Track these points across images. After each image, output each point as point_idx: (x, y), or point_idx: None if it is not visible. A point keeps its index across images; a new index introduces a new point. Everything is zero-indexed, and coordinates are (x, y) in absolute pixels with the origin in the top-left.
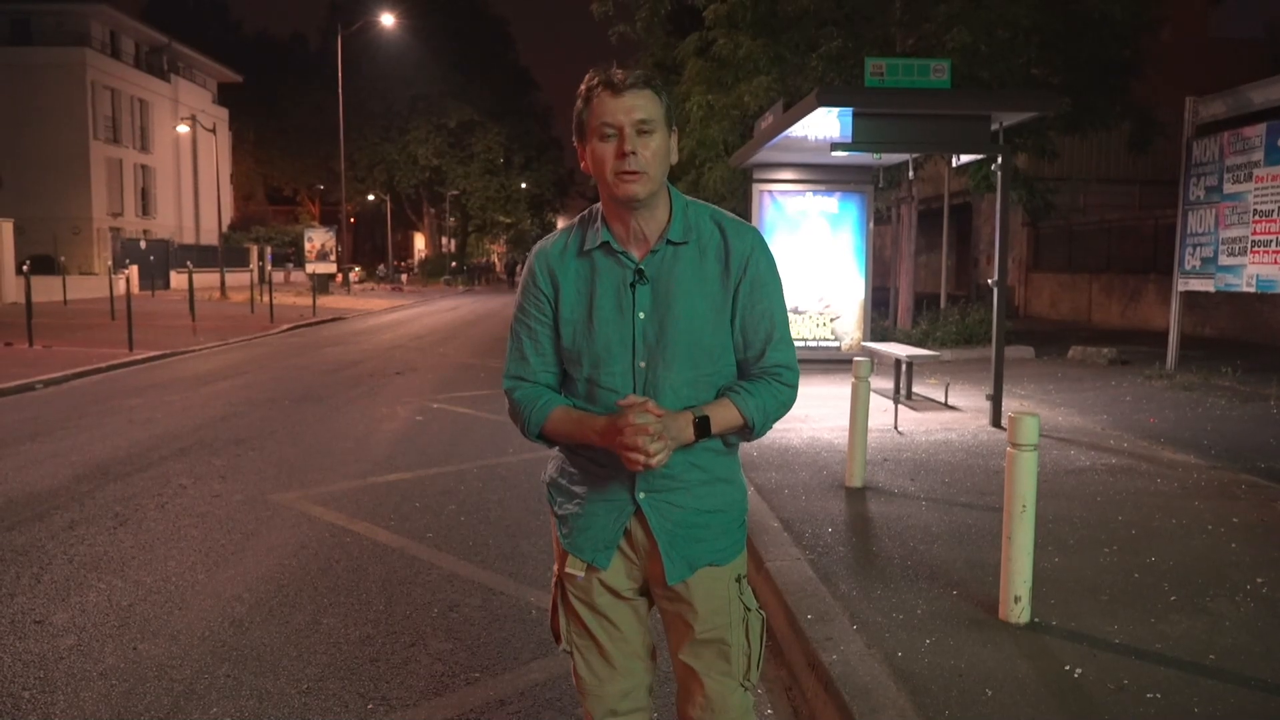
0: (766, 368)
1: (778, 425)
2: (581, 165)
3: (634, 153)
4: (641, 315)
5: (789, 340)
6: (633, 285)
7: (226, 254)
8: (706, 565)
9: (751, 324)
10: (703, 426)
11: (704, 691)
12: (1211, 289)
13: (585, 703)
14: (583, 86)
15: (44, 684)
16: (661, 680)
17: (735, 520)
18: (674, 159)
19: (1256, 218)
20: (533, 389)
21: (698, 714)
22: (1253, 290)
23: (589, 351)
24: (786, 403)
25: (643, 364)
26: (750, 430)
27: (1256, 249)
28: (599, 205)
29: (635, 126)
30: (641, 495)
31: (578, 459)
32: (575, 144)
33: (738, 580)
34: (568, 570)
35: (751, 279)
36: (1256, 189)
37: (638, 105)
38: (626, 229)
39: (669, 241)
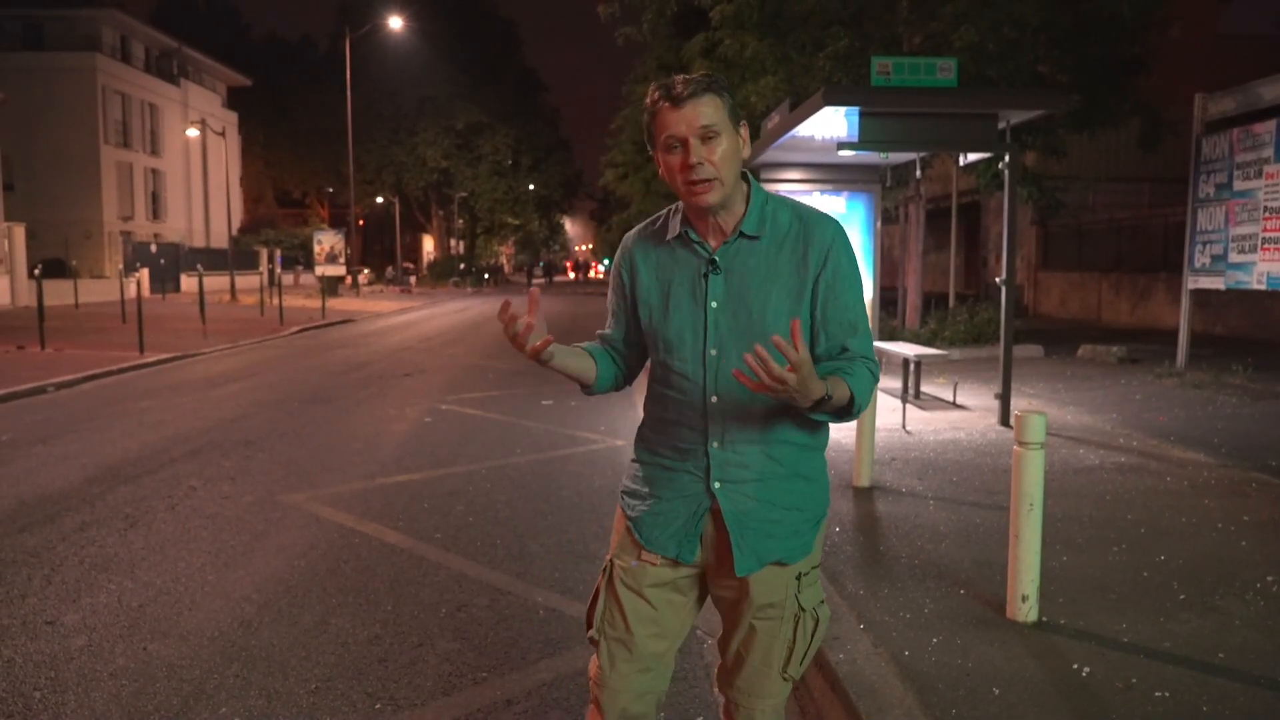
0: (853, 357)
1: None
2: (660, 172)
3: (700, 163)
4: (714, 304)
5: (869, 333)
6: (706, 275)
7: (236, 257)
8: (774, 562)
9: (835, 316)
10: (823, 398)
11: (741, 674)
12: (1222, 286)
13: (600, 697)
14: (647, 99)
15: (55, 684)
16: (676, 679)
17: (810, 520)
18: (746, 153)
19: (1267, 214)
20: (599, 346)
21: (734, 695)
22: (1263, 288)
23: (663, 336)
24: (873, 391)
25: (714, 352)
26: (851, 409)
27: (1267, 246)
28: (680, 202)
29: (699, 135)
30: (717, 485)
31: (651, 467)
32: (651, 153)
33: (798, 578)
34: (637, 560)
35: (832, 270)
36: (1267, 186)
37: (700, 113)
38: (705, 223)
39: (742, 234)
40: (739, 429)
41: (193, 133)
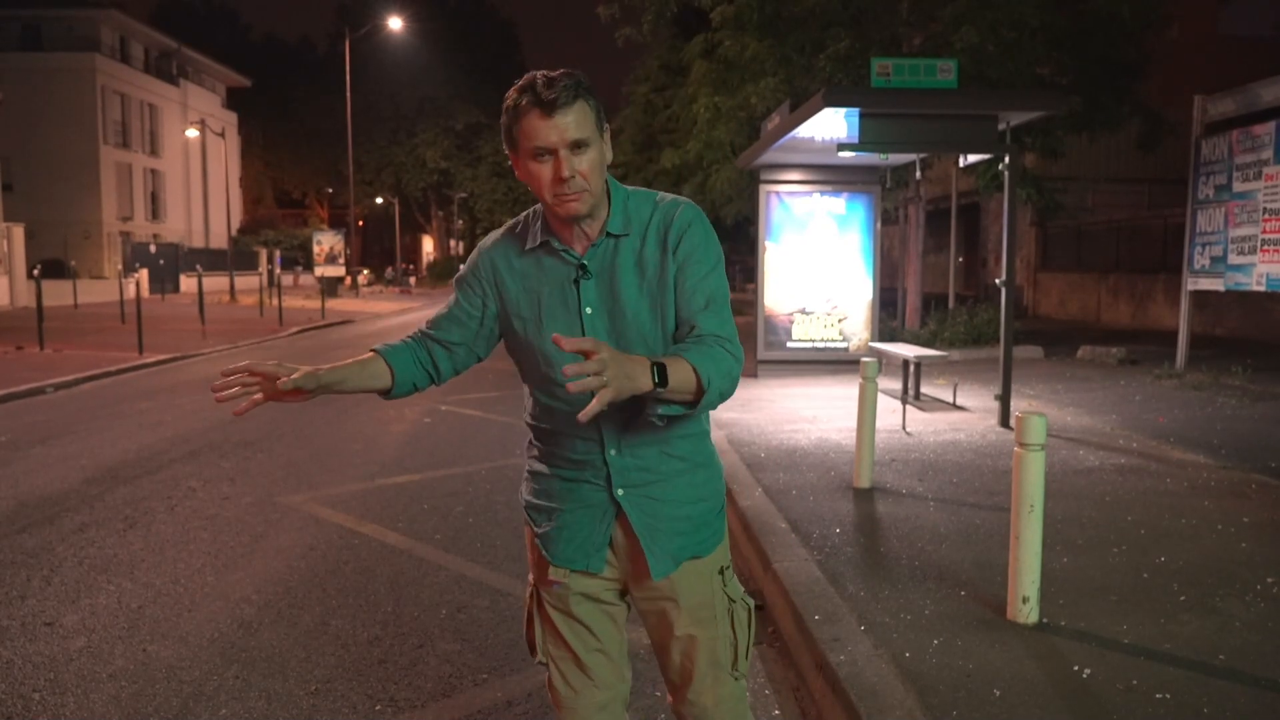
0: (701, 335)
1: (786, 426)
2: (516, 173)
3: (574, 176)
4: (589, 310)
5: (728, 316)
6: (576, 281)
7: (236, 257)
8: (690, 558)
9: (685, 295)
10: (660, 373)
11: (692, 685)
12: (1221, 288)
13: (562, 716)
14: (509, 100)
15: (54, 686)
16: (655, 682)
17: (715, 508)
18: (609, 157)
19: (1266, 216)
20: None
21: (689, 709)
22: (1263, 289)
23: (540, 349)
24: (733, 375)
25: None
26: (702, 392)
27: (1266, 247)
28: (539, 205)
29: (569, 147)
30: (620, 493)
31: (549, 479)
32: (507, 151)
33: (720, 572)
34: (550, 577)
35: (685, 251)
36: (1266, 187)
37: (570, 124)
38: (569, 230)
39: (609, 234)
40: (634, 433)
41: (192, 133)
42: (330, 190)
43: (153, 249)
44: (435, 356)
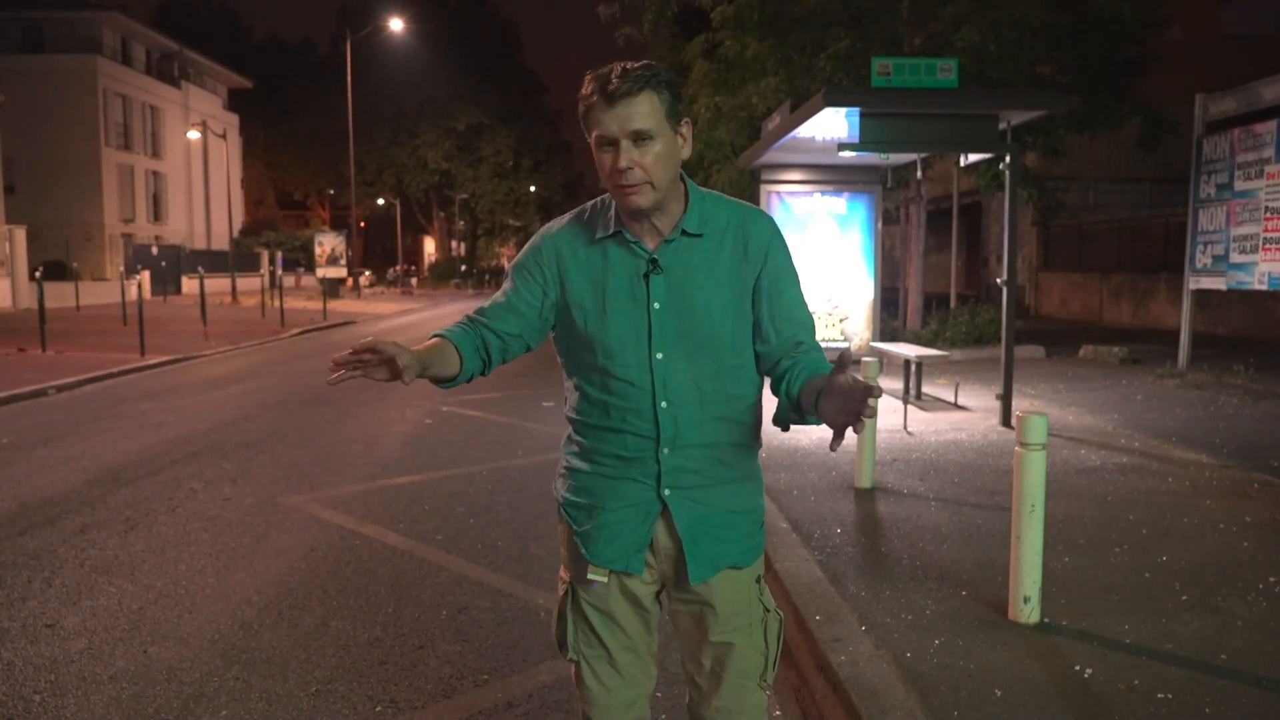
0: (809, 349)
1: None
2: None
3: (630, 167)
4: (657, 305)
5: (814, 326)
6: (646, 276)
7: (237, 259)
8: (729, 567)
9: (785, 313)
10: None
11: (720, 693)
12: (1223, 287)
13: (590, 712)
14: (582, 90)
15: (55, 687)
16: (669, 682)
17: (758, 521)
18: (685, 154)
19: (1268, 214)
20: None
21: (713, 715)
22: (1264, 288)
23: (602, 341)
24: None
25: (660, 355)
26: None
27: (1268, 246)
28: (608, 195)
29: (630, 137)
30: (667, 492)
31: (591, 476)
32: (587, 139)
33: (757, 581)
34: (590, 576)
35: (775, 267)
36: (1268, 186)
37: (633, 114)
38: (640, 223)
39: (684, 232)
40: (691, 434)
41: (194, 135)
42: (332, 191)
43: (154, 251)
44: (489, 346)
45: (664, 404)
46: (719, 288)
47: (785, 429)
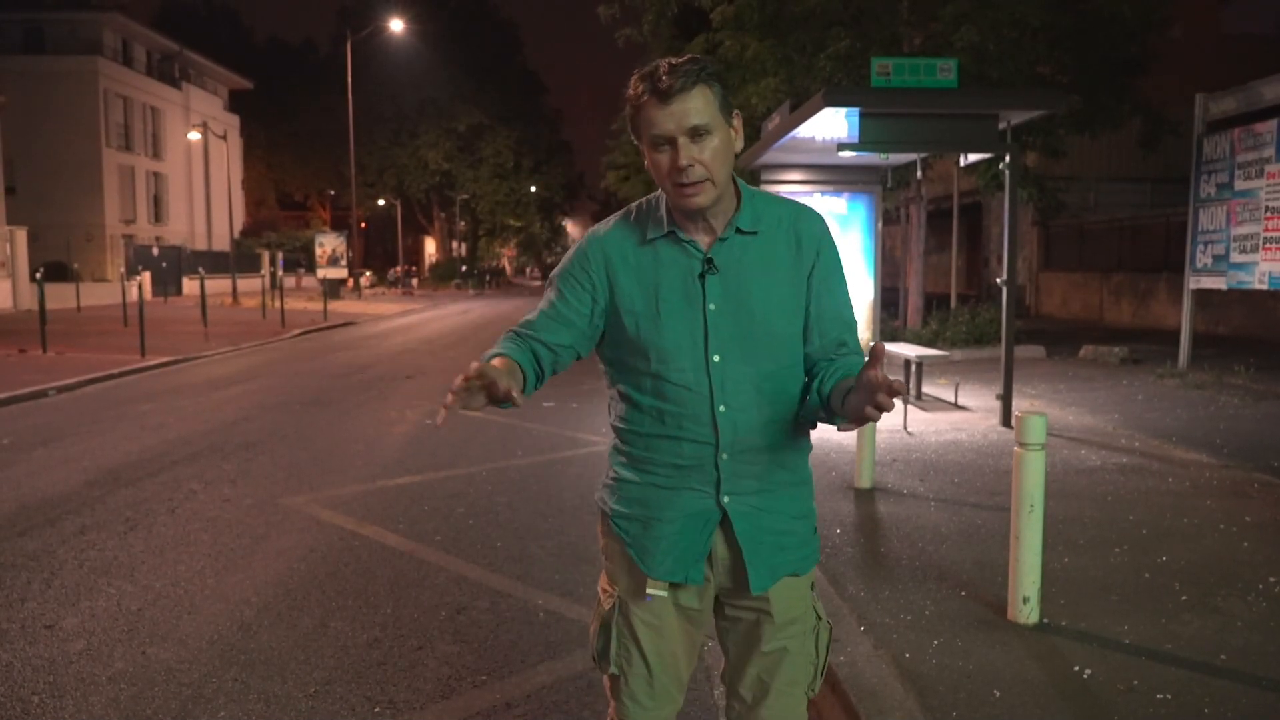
0: (849, 353)
1: None
2: (645, 165)
3: (691, 165)
4: (713, 307)
5: (856, 326)
6: (701, 276)
7: (238, 260)
8: (789, 575)
9: (831, 312)
10: None
11: (767, 702)
12: (1223, 286)
13: None
14: (630, 91)
15: (53, 688)
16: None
17: (813, 527)
18: (738, 147)
19: (1268, 214)
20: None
21: None
22: (1265, 287)
23: (656, 346)
24: None
25: (717, 358)
26: None
27: (1269, 246)
28: (659, 193)
29: (688, 134)
30: (726, 499)
31: (643, 487)
32: (635, 142)
33: (811, 588)
34: (650, 591)
35: (825, 265)
36: (1268, 185)
37: (689, 110)
38: (694, 222)
39: (738, 230)
40: (750, 438)
41: (194, 136)
42: (332, 192)
43: (155, 251)
44: (541, 359)
45: (722, 408)
46: (776, 286)
47: (813, 428)
